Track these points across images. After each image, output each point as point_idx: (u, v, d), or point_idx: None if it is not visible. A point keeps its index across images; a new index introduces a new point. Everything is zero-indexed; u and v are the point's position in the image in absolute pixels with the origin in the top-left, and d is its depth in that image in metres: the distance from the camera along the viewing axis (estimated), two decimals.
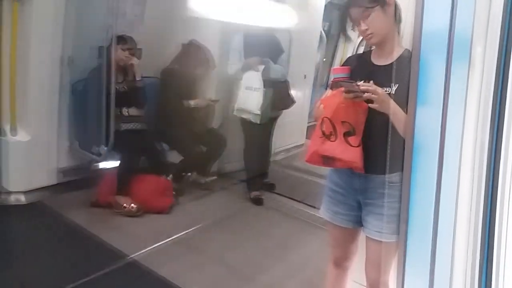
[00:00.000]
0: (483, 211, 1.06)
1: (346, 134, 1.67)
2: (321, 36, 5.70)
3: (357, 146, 1.66)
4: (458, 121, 1.01)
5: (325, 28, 6.23)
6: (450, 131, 1.03)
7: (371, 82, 1.61)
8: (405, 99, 1.48)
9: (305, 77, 5.36)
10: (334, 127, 1.68)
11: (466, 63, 0.99)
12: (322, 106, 1.75)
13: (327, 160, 1.73)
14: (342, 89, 1.64)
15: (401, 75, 1.58)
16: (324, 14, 5.47)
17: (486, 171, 1.00)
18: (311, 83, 5.55)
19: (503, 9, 0.93)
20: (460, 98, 1.00)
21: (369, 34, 1.68)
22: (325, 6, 5.42)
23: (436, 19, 1.05)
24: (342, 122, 1.67)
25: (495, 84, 0.95)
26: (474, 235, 1.07)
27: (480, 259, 1.08)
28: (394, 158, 1.56)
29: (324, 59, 6.19)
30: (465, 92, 0.99)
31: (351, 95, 1.61)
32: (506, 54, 0.95)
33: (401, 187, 1.41)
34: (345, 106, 1.65)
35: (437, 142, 1.03)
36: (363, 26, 1.67)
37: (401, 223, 1.20)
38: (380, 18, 1.65)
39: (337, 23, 6.29)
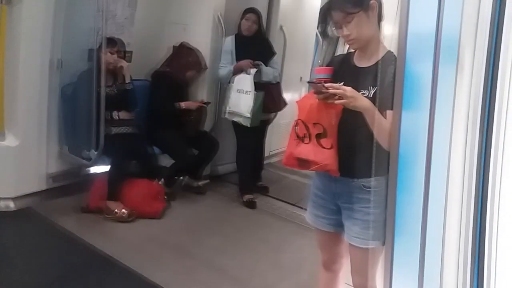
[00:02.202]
0: (474, 214, 1.04)
1: (318, 136, 1.65)
2: (317, 38, 5.69)
3: (330, 148, 1.64)
4: (446, 125, 0.99)
5: (321, 30, 6.21)
6: (438, 135, 1.01)
7: (342, 83, 1.58)
8: (384, 102, 1.45)
9: (301, 79, 5.35)
10: (307, 129, 1.66)
11: (453, 66, 0.97)
12: (297, 107, 1.74)
13: (302, 162, 1.71)
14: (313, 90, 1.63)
15: (382, 77, 1.56)
16: (320, 16, 5.44)
17: (476, 174, 0.98)
18: (307, 85, 5.53)
19: (492, 10, 0.91)
20: (447, 101, 0.98)
21: (351, 39, 1.66)
22: (321, 8, 5.39)
23: (422, 21, 1.03)
24: (314, 123, 1.65)
25: (484, 87, 0.93)
26: (465, 238, 1.06)
27: (471, 262, 1.06)
28: (369, 163, 1.54)
29: (319, 61, 6.18)
30: (453, 95, 0.97)
31: (321, 96, 1.59)
32: (495, 57, 0.92)
33: (385, 192, 1.39)
34: (317, 108, 1.63)
35: (424, 146, 1.01)
36: (345, 32, 1.64)
37: (387, 228, 1.17)
38: (362, 23, 1.62)
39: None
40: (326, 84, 1.56)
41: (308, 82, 1.69)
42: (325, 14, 1.73)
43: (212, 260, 2.88)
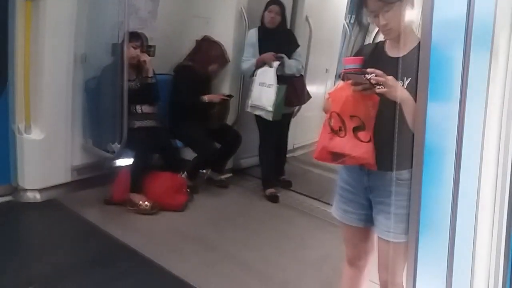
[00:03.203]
0: (508, 211, 0.98)
1: (356, 129, 1.59)
2: (344, 29, 5.58)
3: (368, 142, 1.59)
4: (478, 116, 0.93)
5: (351, 21, 6.11)
6: (470, 126, 0.95)
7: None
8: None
9: (326, 71, 5.27)
10: (343, 122, 1.61)
11: (487, 53, 0.91)
12: (330, 99, 1.69)
13: (336, 156, 1.66)
14: (351, 81, 1.57)
15: (415, 68, 1.50)
16: (349, 6, 5.35)
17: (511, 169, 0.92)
18: (333, 77, 5.45)
19: None
20: (480, 92, 0.91)
21: (388, 29, 1.62)
22: None
23: (451, 6, 0.97)
24: (351, 116, 1.59)
25: None
26: (498, 235, 1.00)
27: (504, 264, 1.00)
28: (403, 154, 1.49)
29: (347, 53, 6.06)
30: (486, 85, 0.90)
31: (359, 87, 1.54)
32: None
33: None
34: (354, 100, 1.57)
35: (454, 138, 0.95)
36: (382, 21, 1.60)
37: (411, 222, 1.11)
38: (399, 13, 1.57)
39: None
40: (369, 71, 1.50)
41: (346, 73, 1.63)
42: (360, 3, 1.69)
43: (234, 253, 2.87)
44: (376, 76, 1.49)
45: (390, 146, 1.52)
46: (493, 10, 0.92)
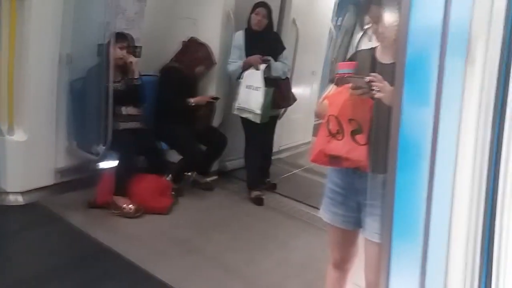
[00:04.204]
0: (484, 213, 0.99)
1: (354, 133, 1.63)
2: (331, 32, 5.62)
3: (364, 144, 1.62)
4: (453, 122, 0.94)
5: (338, 23, 6.15)
6: (444, 130, 0.96)
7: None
8: None
9: (313, 73, 5.30)
10: (340, 125, 1.64)
11: (462, 59, 0.92)
12: (326, 103, 1.71)
13: (333, 159, 1.69)
14: (349, 85, 1.59)
15: None
16: (336, 9, 5.39)
17: (488, 171, 0.93)
18: (319, 79, 5.48)
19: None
20: (455, 99, 0.93)
21: (384, 37, 1.65)
22: (337, 1, 5.33)
23: (427, 12, 0.98)
24: (349, 120, 1.62)
25: (497, 82, 0.88)
26: (474, 237, 1.01)
27: (480, 263, 1.01)
28: None
29: (335, 56, 6.12)
30: (461, 90, 0.92)
31: (358, 91, 1.57)
32: (510, 49, 0.87)
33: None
34: (352, 103, 1.61)
35: (429, 142, 0.96)
36: (381, 28, 1.63)
37: (385, 222, 1.12)
38: (396, 21, 1.60)
39: (353, 18, 6.22)
40: (369, 77, 1.54)
41: (344, 77, 1.65)
42: (363, 9, 1.71)
43: (218, 256, 2.86)
44: (375, 81, 1.52)
45: (382, 149, 1.55)
46: (469, 18, 0.94)
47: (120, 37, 3.38)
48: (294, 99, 3.98)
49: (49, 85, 3.28)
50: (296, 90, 4.15)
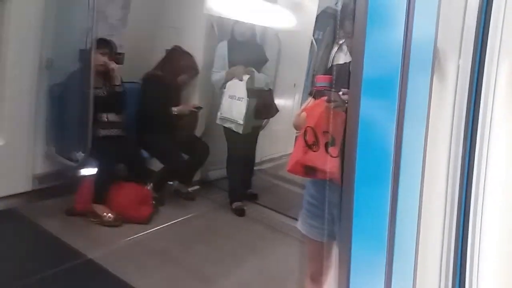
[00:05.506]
0: (457, 214, 1.00)
1: (327, 145, 1.64)
2: (312, 45, 5.66)
3: (336, 157, 1.63)
4: (418, 143, 0.95)
5: (319, 37, 6.20)
6: (407, 153, 0.97)
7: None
8: None
9: (294, 85, 5.33)
10: (316, 137, 1.66)
11: (427, 75, 0.93)
12: (304, 115, 1.73)
13: (309, 170, 1.70)
14: (325, 98, 1.62)
15: None
16: (317, 23, 5.44)
17: (459, 190, 0.94)
18: (301, 91, 5.51)
19: (478, 14, 0.88)
20: (421, 116, 0.94)
21: None
22: (318, 15, 5.39)
23: (388, 27, 0.99)
24: (324, 132, 1.64)
25: (468, 98, 0.89)
26: (448, 237, 1.01)
27: (453, 263, 1.01)
28: None
29: (315, 70, 6.17)
30: (427, 106, 0.93)
31: (333, 104, 1.59)
32: (480, 65, 0.89)
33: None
34: (327, 116, 1.63)
35: (391, 156, 0.97)
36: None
37: (344, 227, 1.11)
38: None
39: (333, 32, 6.28)
40: (342, 90, 1.57)
41: (323, 90, 1.68)
42: (337, 24, 1.74)
43: (198, 268, 2.83)
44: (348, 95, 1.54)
45: None
46: (434, 34, 0.95)
47: (102, 43, 3.35)
48: (277, 110, 3.99)
49: (28, 89, 3.24)
50: (278, 101, 4.16)
